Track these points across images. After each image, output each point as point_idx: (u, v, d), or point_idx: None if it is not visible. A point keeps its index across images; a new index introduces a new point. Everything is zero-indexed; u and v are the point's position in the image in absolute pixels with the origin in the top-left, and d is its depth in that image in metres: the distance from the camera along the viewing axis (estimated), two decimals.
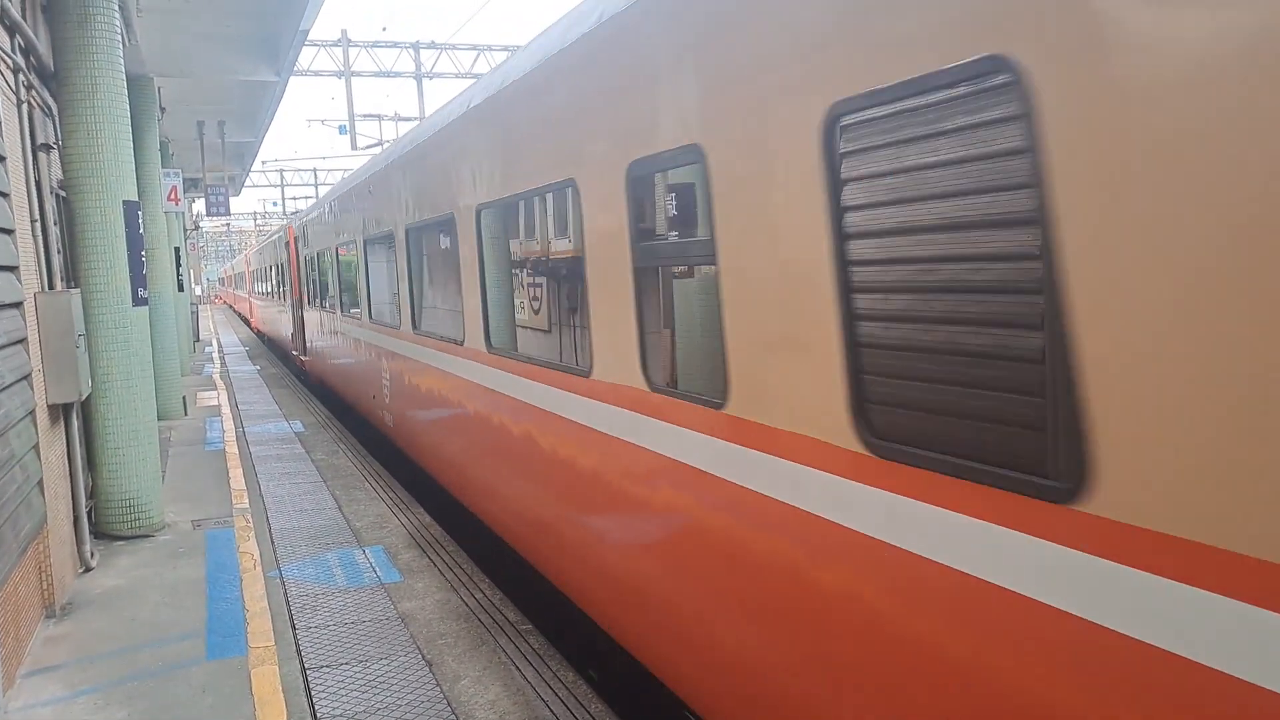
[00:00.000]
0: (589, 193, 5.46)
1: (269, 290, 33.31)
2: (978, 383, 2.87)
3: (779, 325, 3.81)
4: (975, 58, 2.70)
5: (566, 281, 6.62)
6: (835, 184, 3.34)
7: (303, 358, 22.44)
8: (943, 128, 2.87)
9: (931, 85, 2.88)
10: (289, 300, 24.66)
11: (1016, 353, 2.72)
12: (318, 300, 18.71)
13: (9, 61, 7.70)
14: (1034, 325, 2.64)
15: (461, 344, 8.36)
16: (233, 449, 14.12)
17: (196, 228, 43.20)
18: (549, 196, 6.68)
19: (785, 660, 3.93)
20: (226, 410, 18.17)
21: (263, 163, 54.50)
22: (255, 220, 79.89)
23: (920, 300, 3.05)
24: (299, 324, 22.77)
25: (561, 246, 6.69)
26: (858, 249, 3.28)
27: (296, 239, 21.71)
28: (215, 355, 31.96)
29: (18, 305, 7.24)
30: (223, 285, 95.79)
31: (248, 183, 50.14)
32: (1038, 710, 2.72)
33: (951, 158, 2.85)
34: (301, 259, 20.95)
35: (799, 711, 3.91)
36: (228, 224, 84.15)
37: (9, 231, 7.12)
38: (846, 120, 3.26)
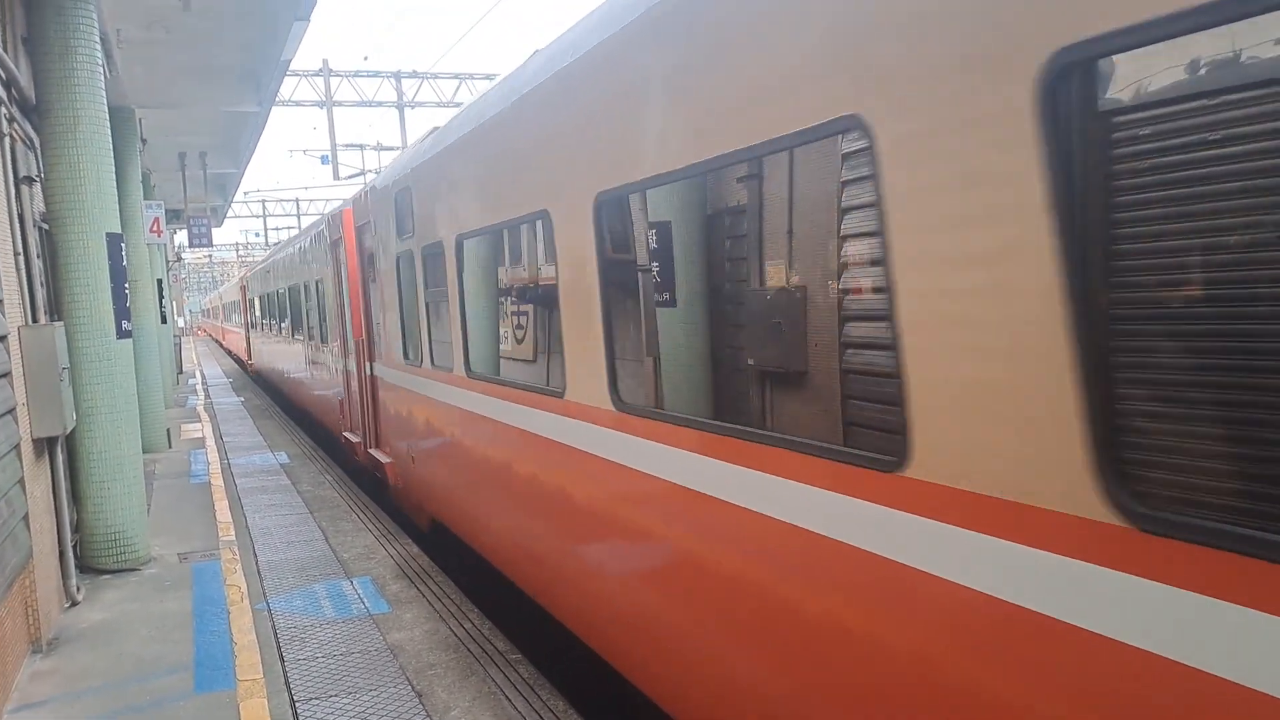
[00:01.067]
0: None
1: (286, 329, 22.24)
2: None
3: None
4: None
5: None
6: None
7: (377, 455, 12.08)
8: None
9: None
10: (332, 348, 15.19)
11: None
12: (443, 353, 8.62)
13: None
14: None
15: None
16: (218, 481, 14.04)
17: (179, 259, 43.07)
18: None
19: None
20: (211, 442, 18.07)
21: (244, 193, 54.46)
22: (238, 251, 79.76)
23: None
24: (361, 394, 13.05)
25: None
26: None
27: (364, 230, 12.10)
28: (199, 387, 31.80)
29: (1, 339, 7.21)
30: (205, 317, 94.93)
31: (230, 213, 50.08)
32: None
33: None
34: (379, 270, 11.13)
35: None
36: (209, 255, 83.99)
37: None
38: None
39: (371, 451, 12.46)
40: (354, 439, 13.80)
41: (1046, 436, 2.64)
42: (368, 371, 12.51)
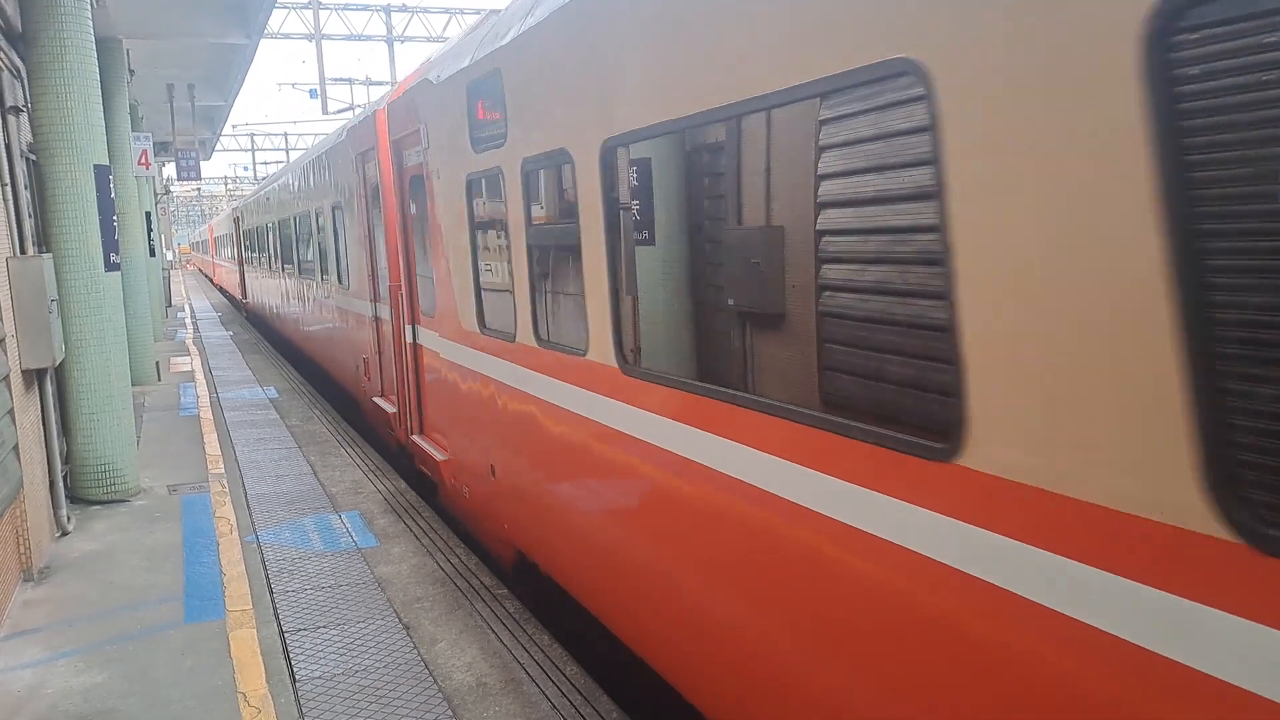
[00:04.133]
0: None
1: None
2: None
3: None
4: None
5: None
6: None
7: (424, 445, 9.00)
8: None
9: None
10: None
11: None
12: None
13: None
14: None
15: None
16: (207, 414, 14.09)
17: (167, 192, 42.69)
18: None
19: None
20: (200, 376, 18.09)
21: (233, 127, 53.83)
22: (226, 185, 78.94)
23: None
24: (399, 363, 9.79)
25: None
26: None
27: (405, 142, 8.76)
28: (188, 321, 31.71)
29: None
30: (196, 250, 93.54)
31: (218, 147, 49.52)
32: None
33: None
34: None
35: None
36: (198, 189, 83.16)
37: None
38: None
39: (416, 439, 9.39)
40: (389, 409, 10.65)
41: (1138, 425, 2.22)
42: (409, 338, 9.41)
